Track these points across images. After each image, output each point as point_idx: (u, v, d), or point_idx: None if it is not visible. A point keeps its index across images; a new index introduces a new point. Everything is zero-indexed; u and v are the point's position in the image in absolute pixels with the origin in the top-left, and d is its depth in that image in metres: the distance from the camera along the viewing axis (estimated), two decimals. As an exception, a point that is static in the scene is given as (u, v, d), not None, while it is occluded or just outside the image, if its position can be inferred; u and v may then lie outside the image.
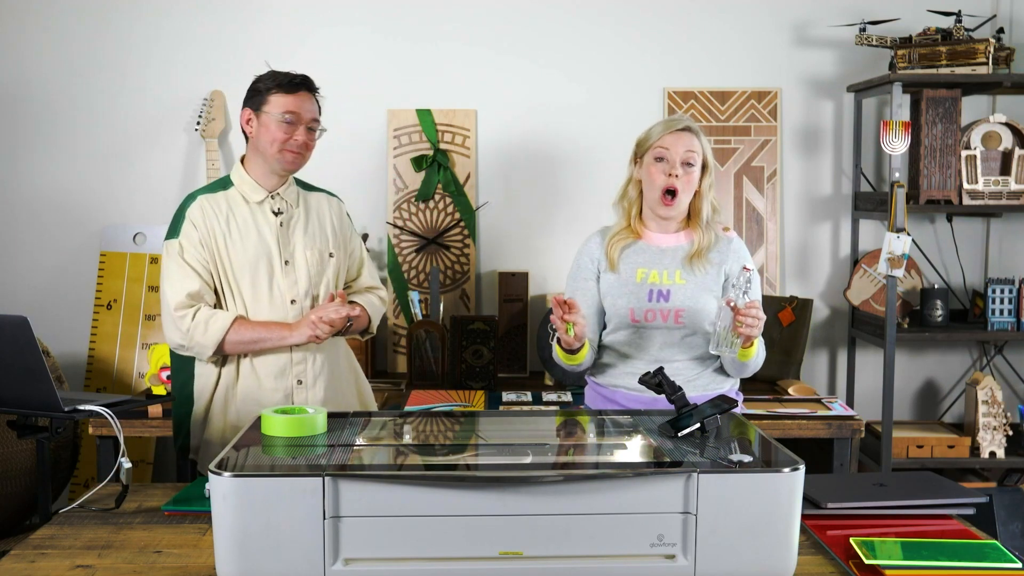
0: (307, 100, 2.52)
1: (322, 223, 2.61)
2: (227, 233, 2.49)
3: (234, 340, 2.45)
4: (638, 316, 2.45)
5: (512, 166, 3.87)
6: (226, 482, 1.51)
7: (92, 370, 3.73)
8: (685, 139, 2.45)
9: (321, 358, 2.56)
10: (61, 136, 3.81)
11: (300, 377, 2.53)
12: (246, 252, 2.49)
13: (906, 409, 4.01)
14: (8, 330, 2.10)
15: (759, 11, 3.85)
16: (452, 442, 1.89)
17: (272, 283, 2.50)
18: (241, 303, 2.50)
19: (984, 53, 3.51)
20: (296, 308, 2.51)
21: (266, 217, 2.53)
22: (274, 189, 2.56)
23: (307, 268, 2.54)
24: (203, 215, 2.50)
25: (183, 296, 2.44)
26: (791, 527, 1.56)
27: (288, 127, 2.48)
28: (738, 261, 2.49)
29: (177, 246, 2.48)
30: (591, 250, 2.57)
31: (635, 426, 1.89)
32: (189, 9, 3.78)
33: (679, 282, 2.45)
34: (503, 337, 3.77)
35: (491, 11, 3.82)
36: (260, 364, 2.51)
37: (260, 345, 2.47)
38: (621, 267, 2.50)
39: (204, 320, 2.43)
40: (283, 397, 2.52)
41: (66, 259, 3.84)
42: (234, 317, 2.45)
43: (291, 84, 2.50)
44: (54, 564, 1.71)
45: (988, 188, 3.65)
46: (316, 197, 2.66)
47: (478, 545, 1.54)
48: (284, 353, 2.52)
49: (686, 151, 2.44)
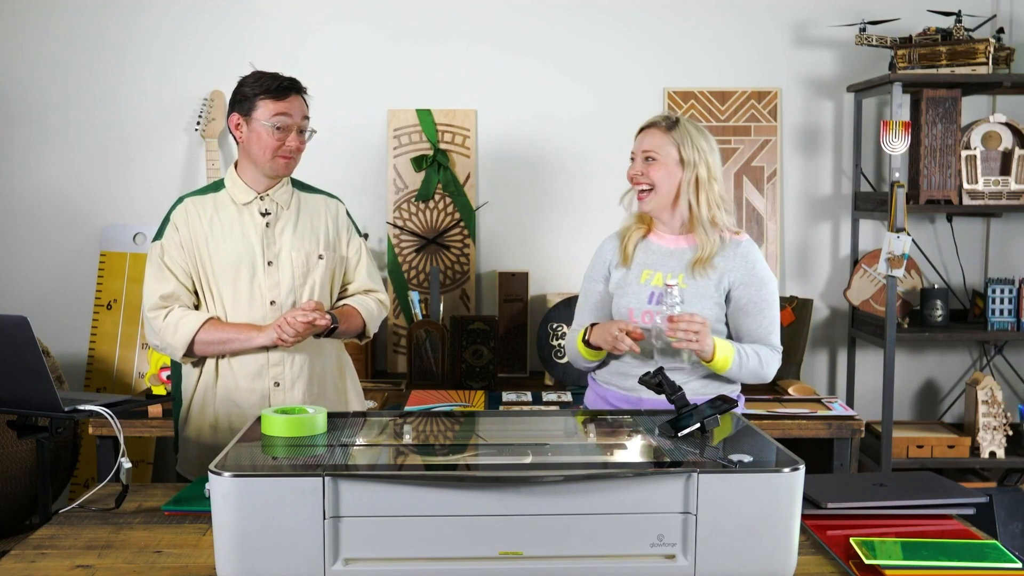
0: (297, 103, 2.50)
1: (314, 225, 2.59)
2: (209, 234, 2.50)
3: (204, 340, 2.46)
4: (636, 316, 2.45)
5: (512, 166, 3.87)
6: (226, 482, 1.51)
7: (92, 370, 3.73)
8: (649, 136, 2.47)
9: (300, 360, 2.53)
10: (61, 136, 3.81)
11: (278, 379, 2.52)
12: (228, 253, 2.49)
13: (906, 409, 4.01)
14: (8, 330, 2.10)
15: (759, 11, 3.85)
16: (452, 442, 1.89)
17: (252, 284, 2.50)
18: (220, 304, 2.50)
19: (984, 53, 3.51)
20: (275, 309, 2.51)
21: (252, 218, 2.53)
22: (264, 190, 2.55)
23: (291, 269, 2.53)
24: (186, 218, 2.51)
25: (156, 298, 2.48)
26: (791, 527, 1.56)
27: (280, 133, 2.47)
28: (745, 266, 2.44)
29: (159, 248, 2.51)
30: (605, 251, 2.59)
31: (635, 426, 1.89)
32: (188, 9, 3.78)
33: (681, 286, 2.43)
34: (503, 337, 3.77)
35: (491, 11, 3.82)
36: (237, 365, 2.51)
37: (229, 346, 2.47)
38: (632, 264, 2.51)
39: (175, 321, 2.45)
40: (259, 398, 2.51)
41: (66, 259, 3.84)
42: (206, 318, 2.46)
43: (280, 89, 2.47)
44: (54, 564, 1.71)
45: (988, 188, 3.65)
46: (313, 198, 2.64)
47: (478, 545, 1.54)
48: (261, 354, 2.50)
49: (644, 149, 2.46)
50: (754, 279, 2.44)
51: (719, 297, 2.44)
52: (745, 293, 2.43)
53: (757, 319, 2.44)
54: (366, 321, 2.63)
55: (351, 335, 2.63)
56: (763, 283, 2.45)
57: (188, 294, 2.51)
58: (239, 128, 2.51)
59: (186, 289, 2.51)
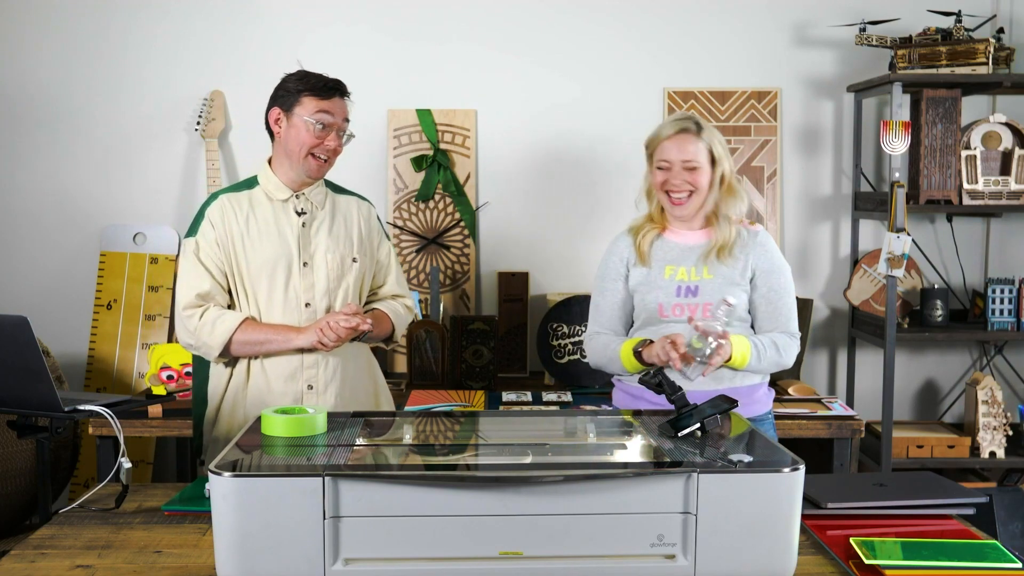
0: (339, 105, 2.49)
1: (348, 227, 2.58)
2: (245, 233, 2.48)
3: (241, 341, 2.43)
4: (667, 311, 2.44)
5: (512, 166, 3.87)
6: (226, 482, 1.51)
7: (92, 370, 3.73)
8: (683, 143, 2.44)
9: (334, 363, 2.51)
10: (61, 136, 3.81)
11: (311, 382, 2.50)
12: (264, 252, 2.47)
13: (906, 409, 4.01)
14: (8, 330, 2.10)
15: (759, 11, 3.85)
16: (452, 442, 1.89)
17: (288, 285, 2.48)
18: (254, 304, 2.48)
19: (984, 53, 3.51)
20: (310, 312, 2.48)
21: (288, 217, 2.51)
22: (299, 189, 2.53)
23: (326, 271, 2.50)
24: (222, 215, 2.48)
25: (192, 296, 2.44)
26: (791, 527, 1.56)
27: (320, 131, 2.46)
28: (765, 254, 2.49)
29: (194, 244, 2.48)
30: (619, 249, 2.57)
31: (635, 426, 1.89)
32: (189, 9, 3.78)
33: (707, 277, 2.45)
34: (503, 337, 3.77)
35: (491, 11, 3.82)
36: (270, 366, 2.49)
37: (266, 347, 2.45)
38: (651, 262, 2.50)
39: (211, 320, 2.42)
40: (292, 401, 2.48)
41: (66, 259, 3.84)
42: (243, 318, 2.43)
43: (325, 88, 2.47)
44: (54, 564, 1.71)
45: (988, 188, 3.65)
46: (345, 200, 2.63)
47: (478, 545, 1.54)
48: (295, 356, 2.48)
49: (684, 159, 2.43)
50: (774, 267, 2.50)
51: (745, 284, 2.47)
52: (766, 281, 2.48)
53: (776, 306, 2.48)
54: (395, 326, 2.62)
55: (380, 339, 2.62)
56: (781, 271, 2.51)
57: (223, 293, 2.49)
58: (278, 123, 2.50)
59: (221, 288, 2.48)
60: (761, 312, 2.50)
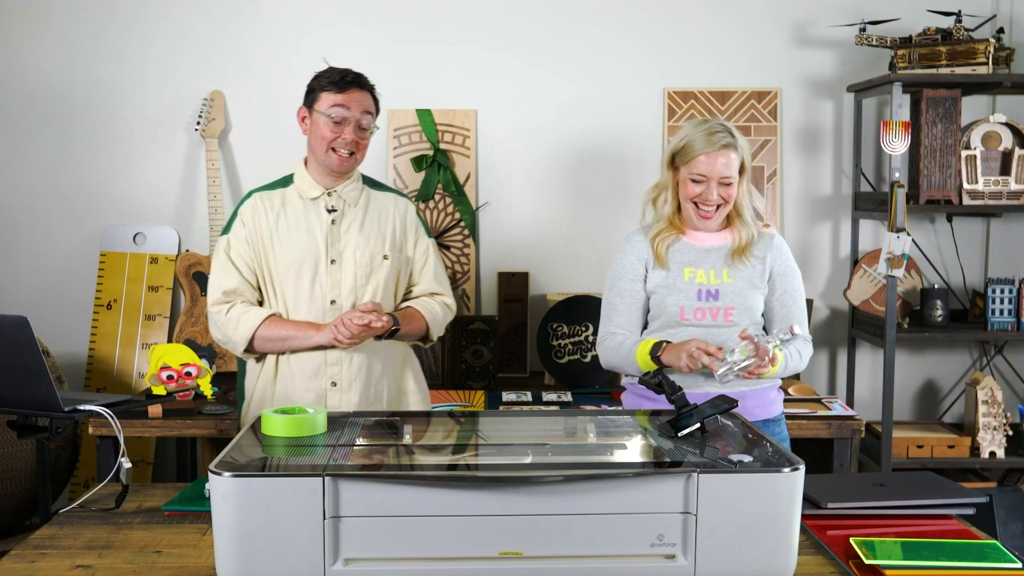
0: (357, 97, 2.49)
1: (381, 224, 2.57)
2: (274, 230, 2.50)
3: (264, 336, 2.46)
4: (688, 315, 2.43)
5: (512, 166, 3.87)
6: (226, 482, 1.51)
7: (92, 370, 3.73)
8: (723, 159, 2.40)
9: (359, 361, 2.50)
10: (61, 136, 3.81)
11: (335, 379, 2.49)
12: (292, 249, 2.49)
13: (906, 409, 4.01)
14: (8, 330, 2.10)
15: (759, 11, 3.85)
16: (452, 442, 1.89)
17: (314, 281, 2.49)
18: (281, 301, 2.50)
19: (984, 53, 3.51)
20: (336, 309, 2.49)
21: (319, 214, 2.52)
22: (332, 186, 2.54)
23: (354, 269, 2.50)
24: (253, 213, 2.52)
25: (219, 292, 2.49)
26: (791, 527, 1.56)
27: (336, 126, 2.46)
28: (781, 256, 2.50)
29: (225, 243, 2.52)
30: (637, 249, 2.51)
31: (635, 426, 1.89)
32: (189, 9, 3.78)
33: (727, 280, 2.44)
34: (503, 337, 3.77)
35: (491, 11, 3.82)
36: (296, 363, 2.50)
37: (288, 343, 2.47)
38: (669, 264, 2.47)
39: (237, 316, 2.46)
40: (315, 398, 2.48)
41: (66, 259, 3.84)
42: (267, 315, 2.46)
43: (342, 81, 2.48)
44: (54, 564, 1.71)
45: (988, 188, 3.65)
46: (383, 196, 2.62)
47: (478, 545, 1.54)
48: (319, 353, 2.48)
49: (723, 176, 2.40)
50: (789, 270, 2.51)
51: (763, 286, 2.47)
52: (782, 283, 2.49)
53: (791, 309, 2.49)
54: (429, 324, 2.58)
55: (413, 338, 2.59)
56: (795, 274, 2.53)
57: (252, 290, 2.52)
58: (304, 121, 2.53)
59: (250, 285, 2.51)
60: (776, 314, 2.49)
